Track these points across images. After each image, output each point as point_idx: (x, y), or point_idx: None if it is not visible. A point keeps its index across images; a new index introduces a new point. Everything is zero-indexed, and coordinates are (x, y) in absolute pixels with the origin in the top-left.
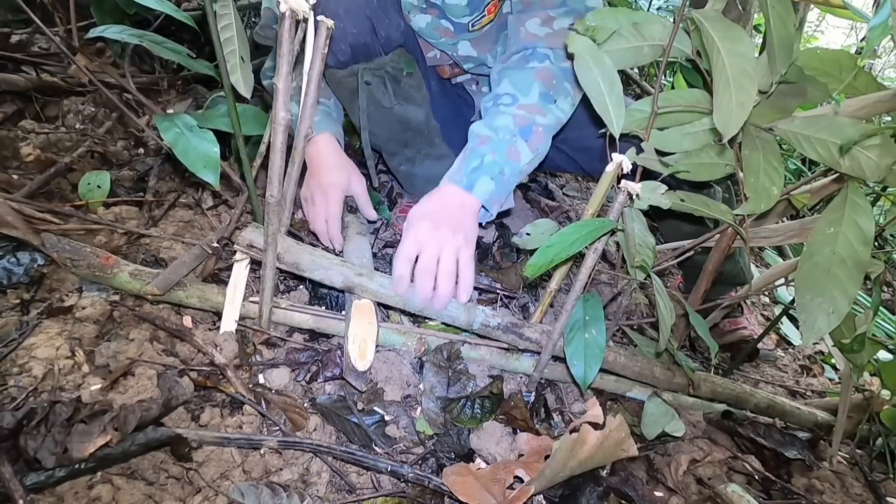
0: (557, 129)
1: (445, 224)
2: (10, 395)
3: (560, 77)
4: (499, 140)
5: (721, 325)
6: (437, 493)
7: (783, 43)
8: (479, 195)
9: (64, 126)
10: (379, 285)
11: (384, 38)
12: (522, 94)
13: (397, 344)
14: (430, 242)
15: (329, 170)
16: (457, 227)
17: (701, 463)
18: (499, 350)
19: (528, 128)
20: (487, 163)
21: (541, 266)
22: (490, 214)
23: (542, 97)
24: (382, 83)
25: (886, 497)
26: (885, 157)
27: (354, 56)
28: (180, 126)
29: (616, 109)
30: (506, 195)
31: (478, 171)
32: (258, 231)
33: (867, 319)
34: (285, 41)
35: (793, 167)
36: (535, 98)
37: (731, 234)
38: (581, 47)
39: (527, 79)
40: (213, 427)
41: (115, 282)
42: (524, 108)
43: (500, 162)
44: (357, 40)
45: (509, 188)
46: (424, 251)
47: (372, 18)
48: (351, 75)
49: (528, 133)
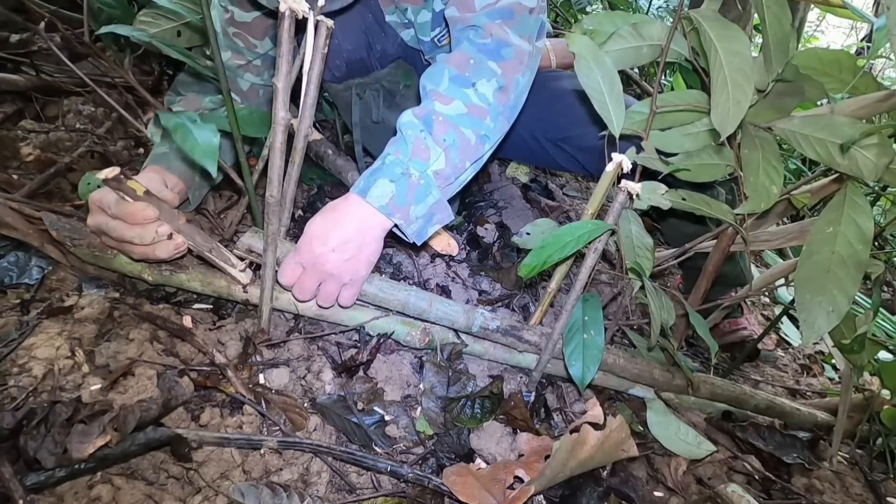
0: (483, 117)
1: (339, 250)
2: (10, 395)
3: (481, 56)
4: (404, 137)
5: (721, 326)
6: (437, 493)
7: (779, 42)
8: (373, 200)
9: (64, 126)
10: (378, 289)
11: (380, 53)
12: (435, 84)
13: (401, 334)
14: (311, 273)
15: None
16: (353, 253)
17: (701, 463)
18: (501, 345)
19: (427, 117)
20: (389, 163)
21: (534, 267)
22: (416, 228)
23: (453, 81)
24: (377, 97)
25: (886, 497)
26: (883, 156)
27: (350, 71)
28: (183, 118)
29: (616, 110)
30: (419, 201)
31: (376, 173)
32: (257, 236)
33: (867, 320)
34: (285, 41)
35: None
36: (444, 85)
37: (732, 234)
38: (582, 47)
39: (438, 68)
40: (213, 427)
41: (116, 264)
42: (435, 97)
43: (403, 161)
44: (352, 56)
45: (425, 193)
46: (305, 278)
47: (367, 34)
48: (346, 89)
49: (430, 124)
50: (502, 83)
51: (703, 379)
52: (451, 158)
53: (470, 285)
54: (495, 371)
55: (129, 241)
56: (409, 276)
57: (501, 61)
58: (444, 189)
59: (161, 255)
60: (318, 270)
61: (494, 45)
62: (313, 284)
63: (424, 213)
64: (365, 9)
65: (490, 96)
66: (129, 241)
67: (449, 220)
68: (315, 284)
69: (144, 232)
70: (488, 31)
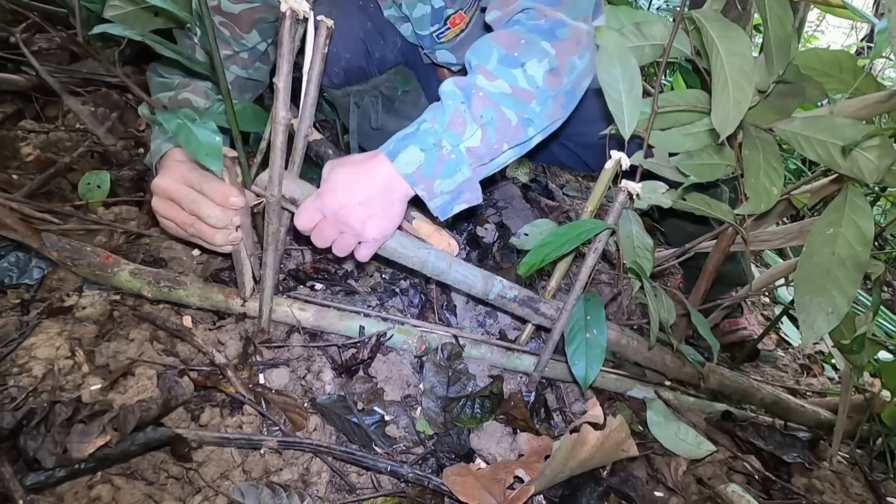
0: (528, 100)
1: (365, 204)
2: (10, 395)
3: (534, 36)
4: (444, 106)
5: (721, 326)
6: (437, 493)
7: (780, 43)
8: (400, 166)
9: (64, 126)
10: (398, 244)
11: (379, 60)
12: (482, 61)
13: (398, 343)
14: (332, 222)
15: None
16: (377, 212)
17: (701, 463)
18: (499, 349)
19: (467, 90)
20: (423, 130)
21: (532, 265)
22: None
23: (502, 62)
24: (376, 103)
25: (886, 497)
26: (884, 158)
27: (348, 78)
28: (182, 118)
29: (631, 111)
30: (446, 176)
31: (409, 138)
32: None
33: (867, 320)
34: (285, 41)
35: (793, 167)
36: (492, 64)
37: (732, 234)
38: (609, 41)
39: (486, 45)
40: (213, 427)
41: (116, 281)
42: (479, 71)
43: (438, 131)
44: (351, 64)
45: (454, 169)
46: (326, 226)
47: (366, 41)
48: (345, 95)
49: (469, 97)
50: (555, 65)
51: (713, 369)
52: (488, 137)
53: None
54: (495, 371)
55: (201, 217)
56: (409, 275)
57: (556, 41)
58: (476, 168)
59: (219, 241)
60: (339, 221)
61: (548, 25)
62: (332, 234)
63: (452, 190)
64: (364, 15)
65: (539, 79)
66: (201, 217)
67: (478, 202)
68: (334, 234)
69: (223, 214)
70: (541, 14)
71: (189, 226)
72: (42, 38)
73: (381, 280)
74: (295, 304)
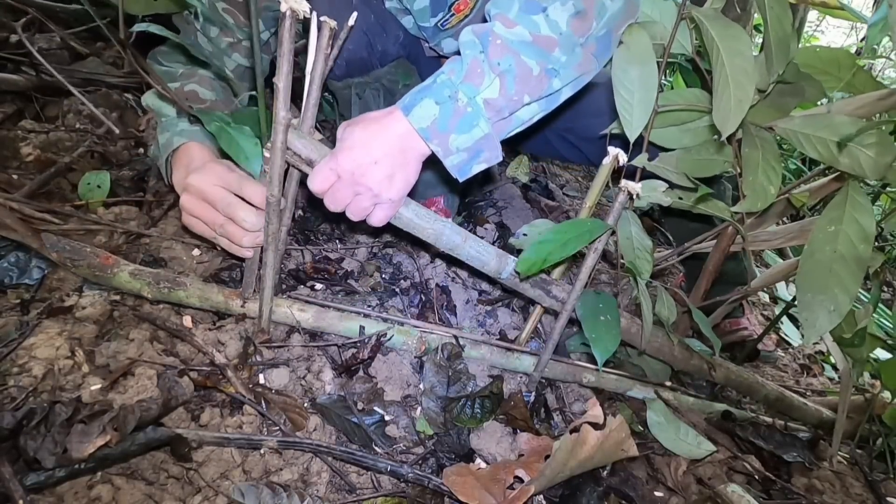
0: (551, 48)
1: (381, 163)
2: (10, 395)
3: None
4: (462, 57)
5: (722, 325)
6: (437, 493)
7: (780, 42)
8: (414, 120)
9: (64, 126)
10: (414, 214)
11: (381, 53)
12: (501, 9)
13: (398, 343)
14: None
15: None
16: (394, 171)
17: (701, 463)
18: (499, 349)
19: (484, 37)
20: (439, 82)
21: (534, 262)
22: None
23: (522, 9)
24: (377, 96)
25: (886, 497)
26: (884, 154)
27: (350, 70)
28: (219, 120)
29: (640, 113)
30: (462, 131)
31: (424, 91)
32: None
33: (867, 314)
34: (286, 41)
35: (793, 167)
36: (513, 12)
37: (732, 233)
38: (636, 40)
39: None
40: (213, 427)
41: (116, 281)
42: (498, 18)
43: (454, 83)
44: (353, 56)
45: (471, 123)
46: (340, 187)
47: (368, 34)
48: (346, 87)
49: (486, 44)
50: (581, 7)
51: (720, 362)
52: (506, 88)
53: (470, 285)
54: (495, 371)
55: (235, 220)
56: (408, 275)
57: None
58: (496, 123)
59: (246, 242)
60: (355, 181)
61: None
62: (348, 196)
63: (469, 147)
64: (366, 7)
65: (563, 24)
66: (235, 220)
67: (497, 160)
68: (349, 196)
69: (258, 219)
70: None
71: (219, 226)
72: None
73: (381, 280)
74: (295, 304)
